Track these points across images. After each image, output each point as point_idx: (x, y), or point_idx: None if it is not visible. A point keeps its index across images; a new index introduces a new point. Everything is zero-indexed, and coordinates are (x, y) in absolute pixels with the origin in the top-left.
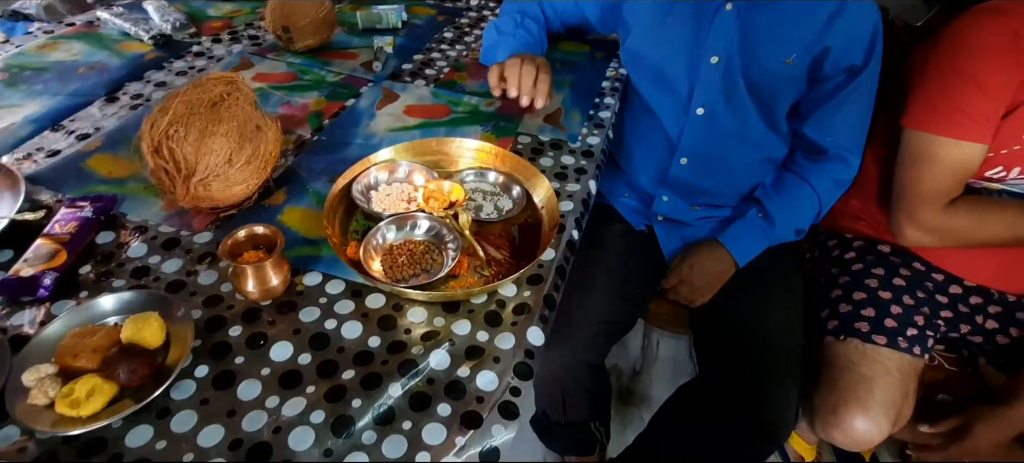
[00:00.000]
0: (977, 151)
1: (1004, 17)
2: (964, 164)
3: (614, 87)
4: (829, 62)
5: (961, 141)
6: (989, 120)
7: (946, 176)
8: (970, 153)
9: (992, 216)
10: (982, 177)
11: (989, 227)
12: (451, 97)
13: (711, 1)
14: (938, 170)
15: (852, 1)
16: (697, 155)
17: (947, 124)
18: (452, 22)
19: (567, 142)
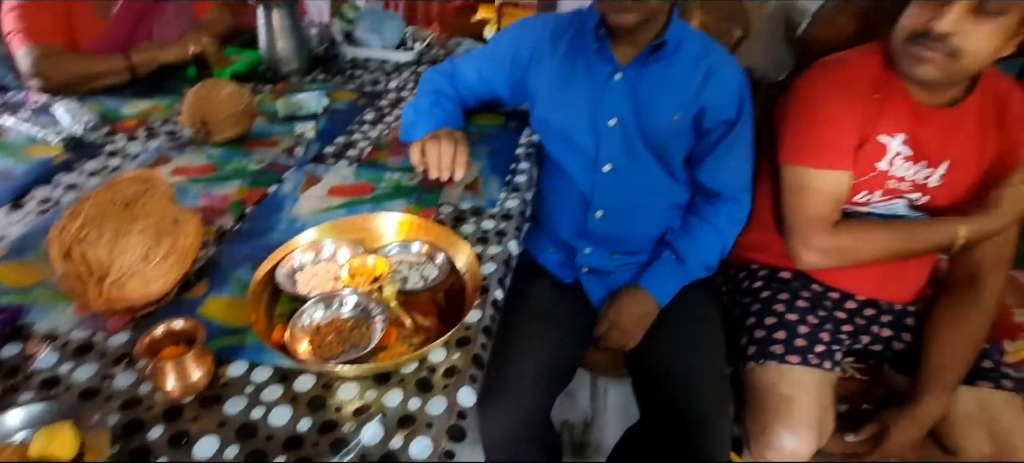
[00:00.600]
0: (843, 178)
1: (837, 67)
2: (836, 190)
3: (528, 152)
4: (708, 118)
5: (827, 170)
6: (846, 150)
7: (823, 202)
8: (838, 180)
9: (873, 235)
10: (852, 202)
11: (872, 244)
12: (374, 174)
13: (603, 72)
14: (815, 197)
15: (720, 66)
16: (610, 207)
17: (813, 157)
18: (372, 104)
19: (487, 207)
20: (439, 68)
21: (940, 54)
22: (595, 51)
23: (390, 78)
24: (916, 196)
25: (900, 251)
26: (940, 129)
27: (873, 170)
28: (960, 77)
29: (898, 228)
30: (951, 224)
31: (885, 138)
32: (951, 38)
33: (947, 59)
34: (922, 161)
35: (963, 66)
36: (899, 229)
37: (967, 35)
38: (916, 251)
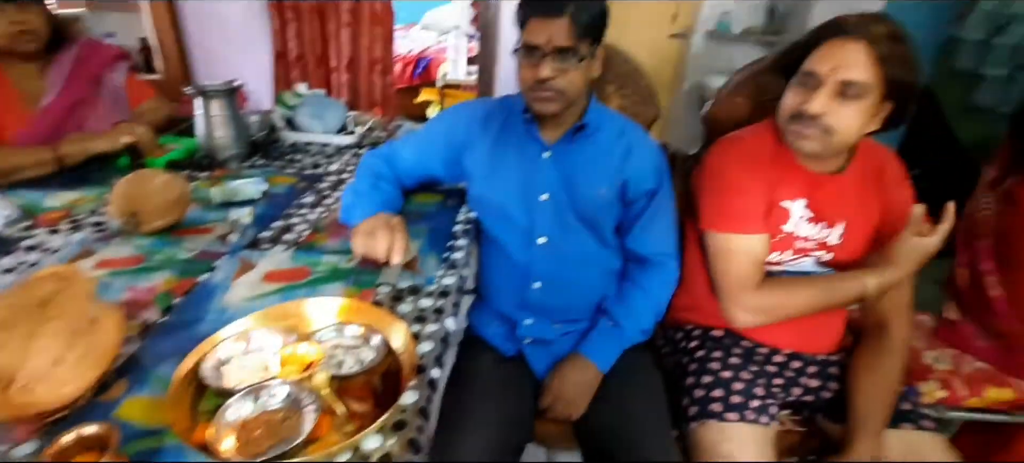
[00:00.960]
0: (760, 240)
1: (738, 142)
2: (755, 252)
3: (465, 229)
4: (631, 189)
5: (744, 234)
6: (758, 215)
7: (746, 264)
8: (756, 242)
9: (796, 291)
10: (767, 262)
11: (796, 300)
12: (311, 258)
13: (532, 151)
14: (738, 260)
15: (637, 142)
16: (547, 278)
17: (731, 223)
18: (312, 187)
19: (425, 285)
20: (377, 152)
21: (816, 131)
22: (524, 132)
23: (331, 161)
24: (821, 254)
25: (821, 304)
26: (832, 194)
27: (781, 232)
28: (837, 150)
29: (816, 284)
30: (861, 277)
31: (787, 203)
32: (822, 117)
33: (822, 135)
34: (822, 222)
35: (836, 141)
36: (817, 284)
37: (835, 115)
38: (834, 303)
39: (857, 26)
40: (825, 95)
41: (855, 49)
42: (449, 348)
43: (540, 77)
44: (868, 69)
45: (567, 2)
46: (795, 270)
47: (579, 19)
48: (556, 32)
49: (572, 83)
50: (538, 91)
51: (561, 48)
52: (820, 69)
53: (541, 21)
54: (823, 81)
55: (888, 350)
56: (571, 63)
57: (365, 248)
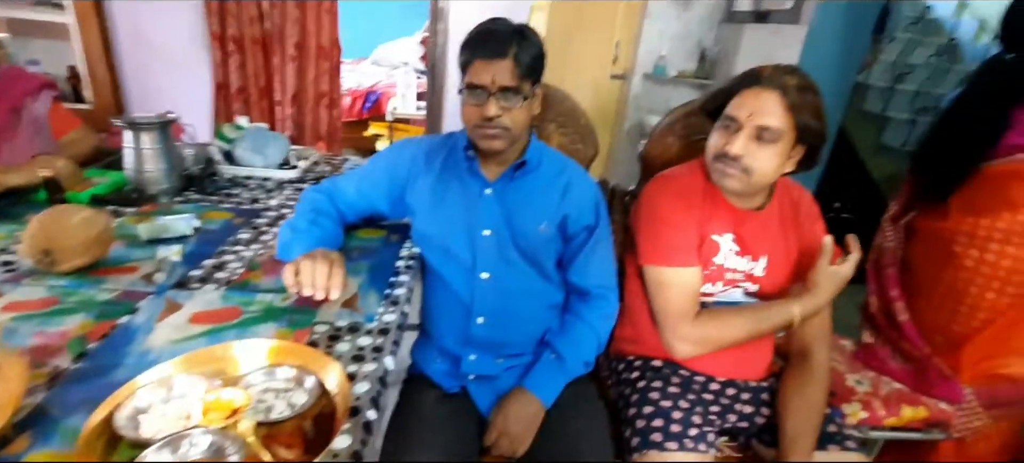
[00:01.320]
0: (694, 272)
1: (671, 179)
2: (690, 284)
3: (408, 265)
4: (571, 224)
5: (680, 267)
6: (692, 249)
7: (682, 295)
8: (690, 275)
9: (730, 321)
10: (700, 293)
11: (731, 329)
12: (243, 298)
13: (475, 188)
14: (676, 292)
15: (576, 179)
16: (491, 313)
17: (667, 257)
18: (249, 223)
19: (364, 323)
20: (319, 187)
21: (737, 170)
22: (466, 169)
23: (271, 196)
24: (749, 285)
25: (753, 332)
26: (755, 228)
27: (713, 265)
28: (757, 188)
29: (747, 313)
30: (788, 306)
31: (717, 237)
32: (742, 159)
33: (742, 174)
34: (748, 255)
35: (755, 180)
36: (748, 314)
37: (753, 156)
38: (765, 331)
39: (771, 77)
40: (744, 138)
41: (769, 97)
42: (388, 388)
43: (487, 115)
44: (780, 116)
45: (510, 45)
46: (726, 300)
47: (521, 60)
48: (500, 72)
49: (516, 121)
50: (484, 128)
51: (505, 87)
52: (739, 114)
53: (486, 62)
54: (742, 125)
55: (812, 374)
56: (515, 102)
57: (298, 283)
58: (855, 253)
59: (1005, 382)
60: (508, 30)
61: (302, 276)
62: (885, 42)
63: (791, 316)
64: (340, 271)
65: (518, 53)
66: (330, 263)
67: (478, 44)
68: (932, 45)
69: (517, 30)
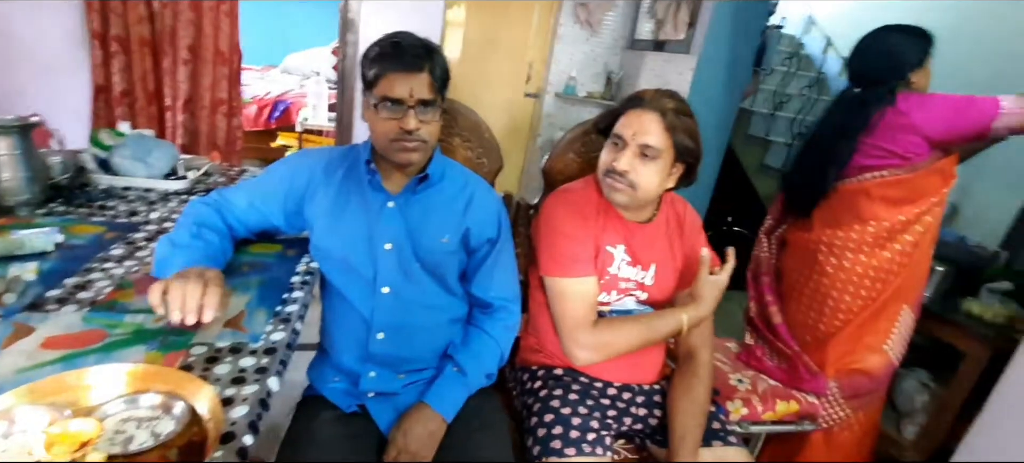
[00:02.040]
0: (591, 283)
1: (569, 194)
2: (587, 293)
3: (304, 281)
4: (473, 237)
5: (578, 278)
6: (589, 260)
7: (581, 306)
8: (588, 285)
9: (625, 328)
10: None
11: (626, 336)
12: (109, 319)
13: (376, 201)
14: (574, 302)
15: (479, 193)
16: (391, 328)
17: (563, 268)
18: (124, 238)
19: (249, 342)
20: (206, 198)
21: (624, 185)
22: (368, 183)
23: (153, 208)
24: (640, 293)
25: (646, 339)
26: (644, 240)
27: (607, 275)
28: (643, 202)
29: (641, 321)
30: (677, 313)
31: (611, 248)
32: (628, 174)
33: (629, 188)
34: (638, 265)
35: (641, 194)
36: (642, 322)
37: (638, 173)
38: (657, 338)
39: (652, 100)
40: (629, 155)
41: (650, 119)
42: (268, 410)
43: (408, 128)
44: (660, 136)
45: (425, 58)
46: (620, 309)
47: (436, 73)
48: (418, 85)
49: (433, 133)
50: (404, 142)
51: (424, 100)
52: (625, 133)
53: (404, 75)
54: (628, 143)
55: (697, 375)
56: (433, 115)
57: (164, 304)
58: (731, 262)
59: (861, 375)
60: (420, 44)
61: (170, 297)
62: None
63: (680, 323)
64: (216, 291)
65: (433, 66)
66: (204, 283)
67: (393, 57)
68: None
69: (426, 44)
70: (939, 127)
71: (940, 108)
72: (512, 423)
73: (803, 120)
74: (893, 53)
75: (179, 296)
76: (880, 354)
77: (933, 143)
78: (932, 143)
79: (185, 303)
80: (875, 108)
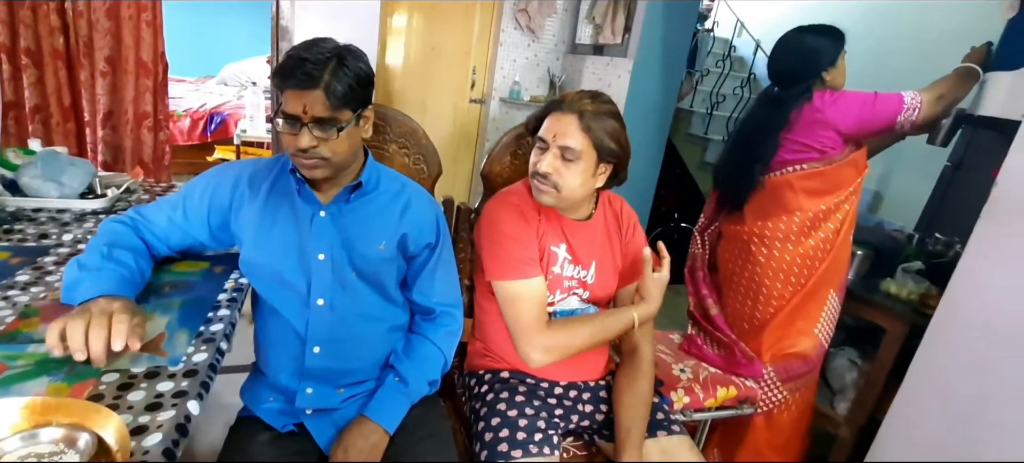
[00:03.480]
0: (539, 283)
1: (507, 196)
2: (537, 294)
3: (232, 298)
4: (411, 243)
5: (527, 279)
6: (534, 260)
7: (533, 307)
8: (536, 285)
9: (577, 328)
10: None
11: (579, 336)
12: (10, 351)
13: (307, 211)
14: (525, 304)
15: (415, 199)
16: (327, 341)
17: (512, 271)
18: (32, 263)
19: (169, 366)
20: (121, 216)
21: (549, 187)
22: (297, 192)
23: (66, 230)
24: (582, 292)
25: (600, 339)
26: (584, 238)
27: (552, 274)
28: (570, 202)
29: (594, 321)
30: (627, 312)
31: (554, 248)
32: (551, 176)
33: (554, 190)
34: (580, 264)
35: (566, 195)
36: (593, 321)
37: (560, 174)
38: (609, 337)
39: (571, 102)
40: (550, 157)
41: (568, 121)
42: (187, 436)
43: (300, 146)
44: (578, 137)
45: (322, 73)
46: (564, 309)
47: (334, 91)
48: (311, 103)
49: (335, 150)
50: (301, 159)
51: (319, 118)
52: (547, 136)
53: (297, 93)
54: (549, 146)
55: (639, 369)
56: (331, 133)
57: (60, 345)
58: (666, 257)
59: (795, 359)
60: (322, 57)
61: (70, 338)
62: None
63: (631, 321)
64: (122, 325)
65: (331, 82)
66: (107, 317)
67: (287, 73)
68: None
69: (335, 55)
70: (850, 122)
71: (851, 104)
72: (462, 429)
73: (738, 118)
74: (808, 53)
75: (79, 336)
76: (811, 337)
77: (846, 137)
78: (845, 137)
79: (91, 345)
80: (793, 105)
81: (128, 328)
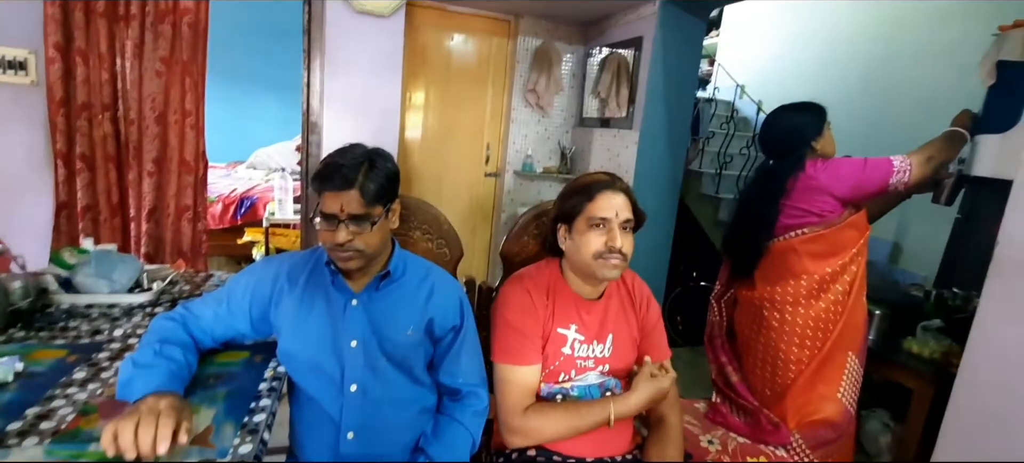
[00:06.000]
0: (532, 370)
1: (520, 281)
2: (527, 381)
3: (272, 387)
4: (437, 327)
5: (518, 366)
6: (533, 349)
7: (518, 392)
8: (528, 373)
9: (551, 415)
10: (558, 382)
11: (552, 423)
12: (72, 450)
13: (340, 300)
14: (511, 389)
15: (440, 283)
16: (360, 427)
17: (506, 355)
18: (87, 360)
19: (217, 459)
20: (170, 313)
21: (619, 259)
22: (331, 283)
23: (117, 325)
24: (600, 368)
25: (574, 427)
26: (597, 315)
27: (561, 356)
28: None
29: (569, 410)
30: (605, 406)
31: (562, 330)
32: (623, 249)
33: (623, 261)
34: (594, 341)
35: (628, 262)
36: (570, 410)
37: (626, 245)
38: (584, 427)
39: (615, 182)
40: (619, 232)
41: (621, 197)
42: None
43: (337, 241)
44: (629, 209)
45: (356, 176)
46: (582, 385)
47: (367, 190)
48: (347, 202)
49: (368, 243)
50: (338, 253)
51: (355, 215)
52: (607, 214)
53: (334, 194)
54: (612, 222)
55: (669, 437)
56: (365, 227)
57: (115, 447)
58: (671, 373)
59: (822, 425)
60: (356, 161)
61: (121, 441)
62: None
63: (607, 414)
64: (169, 423)
65: (364, 182)
66: (156, 417)
67: (326, 178)
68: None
69: (366, 159)
70: (844, 186)
71: (842, 170)
72: None
73: (747, 176)
74: (793, 129)
75: (129, 436)
76: (835, 402)
77: (842, 201)
78: (841, 201)
79: (140, 444)
80: (789, 175)
81: (171, 428)
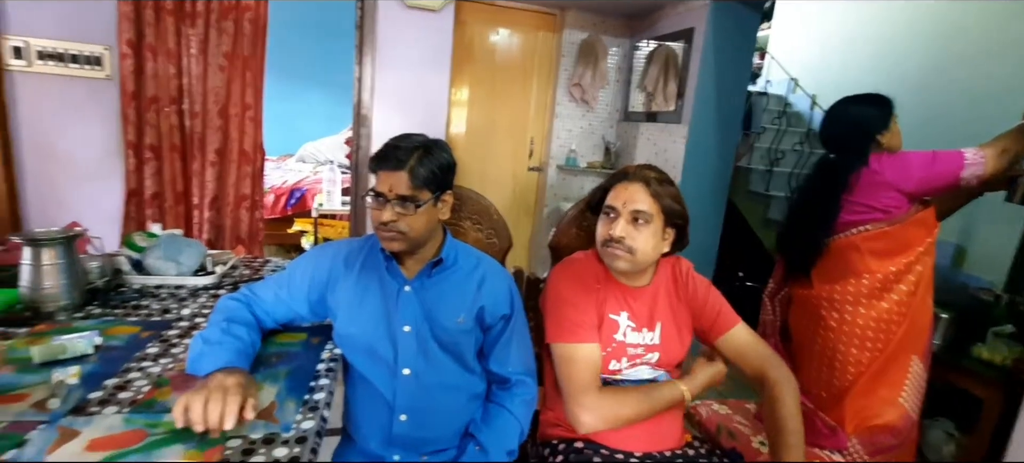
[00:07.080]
0: (594, 348)
1: (570, 265)
2: (591, 358)
3: (329, 368)
4: (488, 315)
5: (580, 343)
6: (591, 326)
7: (586, 369)
8: (590, 350)
9: (627, 396)
10: (608, 371)
11: (629, 404)
12: (148, 419)
13: (394, 286)
14: (578, 367)
15: (490, 272)
16: (413, 409)
17: (568, 334)
18: (158, 336)
19: (281, 432)
20: (235, 294)
21: (623, 251)
22: (385, 269)
23: (184, 305)
24: (651, 356)
25: (650, 408)
26: (646, 304)
27: (614, 342)
28: (642, 266)
29: (643, 391)
30: (677, 386)
31: (614, 316)
32: (625, 240)
33: (628, 254)
34: (644, 328)
35: (639, 258)
36: (644, 391)
37: (634, 238)
38: (660, 408)
39: (635, 172)
40: (623, 222)
41: (636, 188)
42: None
43: (383, 220)
44: (647, 202)
45: (409, 158)
46: (634, 376)
47: (417, 173)
48: (397, 182)
49: (412, 226)
50: (382, 231)
51: (402, 196)
52: (616, 204)
53: (386, 173)
54: (620, 212)
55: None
56: (410, 209)
57: (186, 419)
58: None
59: (882, 431)
60: (412, 147)
61: (192, 414)
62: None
63: (681, 394)
64: (236, 399)
65: (416, 166)
66: (224, 393)
67: (382, 158)
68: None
69: (422, 146)
70: (912, 181)
71: (910, 164)
72: None
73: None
74: (857, 122)
75: (199, 413)
76: (896, 407)
77: (910, 196)
78: (909, 196)
79: (208, 418)
80: (851, 170)
81: (238, 405)
